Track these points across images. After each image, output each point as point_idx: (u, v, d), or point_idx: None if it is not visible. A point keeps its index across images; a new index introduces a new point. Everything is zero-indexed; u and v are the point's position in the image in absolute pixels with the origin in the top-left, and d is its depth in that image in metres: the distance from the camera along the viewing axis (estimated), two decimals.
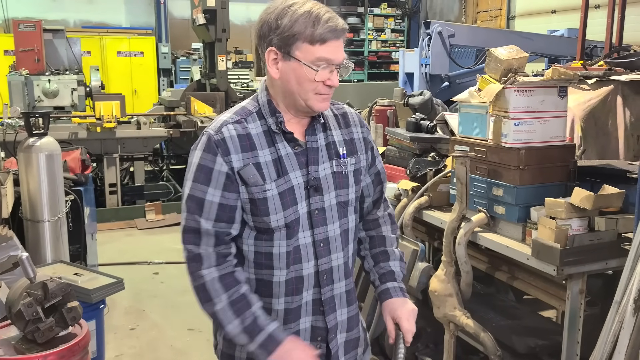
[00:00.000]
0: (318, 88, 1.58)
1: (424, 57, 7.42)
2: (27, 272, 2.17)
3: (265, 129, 1.62)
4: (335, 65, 1.58)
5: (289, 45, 1.55)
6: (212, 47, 8.24)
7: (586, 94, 3.59)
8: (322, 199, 1.65)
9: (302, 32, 1.53)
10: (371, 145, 1.82)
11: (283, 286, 1.64)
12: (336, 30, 1.55)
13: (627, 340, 2.06)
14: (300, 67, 1.55)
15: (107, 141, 7.16)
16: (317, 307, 1.69)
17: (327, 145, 1.68)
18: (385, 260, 1.83)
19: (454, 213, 2.84)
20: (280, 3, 1.57)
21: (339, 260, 1.70)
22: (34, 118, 3.65)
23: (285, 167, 1.61)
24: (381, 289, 1.81)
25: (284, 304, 1.66)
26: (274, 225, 1.60)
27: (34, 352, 2.14)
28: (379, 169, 1.86)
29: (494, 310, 3.30)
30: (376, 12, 15.64)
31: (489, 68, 2.82)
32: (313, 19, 1.53)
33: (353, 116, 1.80)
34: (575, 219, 2.44)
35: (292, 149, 1.63)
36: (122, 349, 4.06)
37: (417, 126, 3.72)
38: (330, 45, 1.55)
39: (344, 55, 1.60)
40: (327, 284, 1.68)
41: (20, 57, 7.81)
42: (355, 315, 1.79)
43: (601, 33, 5.33)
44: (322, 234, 1.66)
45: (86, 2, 13.29)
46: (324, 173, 1.65)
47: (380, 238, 1.87)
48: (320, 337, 1.71)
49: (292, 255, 1.63)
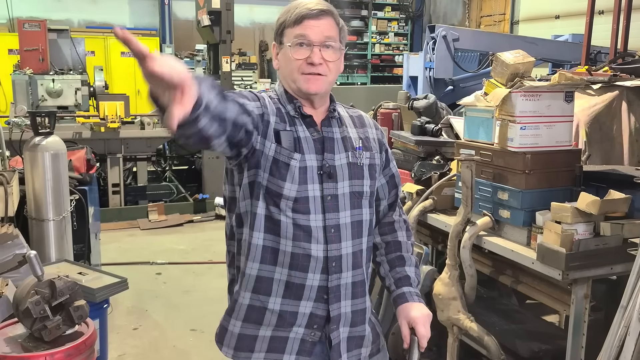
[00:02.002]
0: (302, 67, 1.65)
1: (428, 61, 7.44)
2: (35, 270, 2.18)
3: (285, 112, 1.70)
4: (315, 43, 1.64)
5: (281, 35, 1.69)
6: (217, 49, 8.25)
7: (591, 99, 3.60)
8: (336, 186, 1.69)
9: (285, 19, 1.67)
10: (385, 148, 1.87)
11: (288, 257, 1.66)
12: (310, 9, 1.64)
13: (633, 346, 2.06)
14: (286, 50, 1.67)
15: (110, 141, 7.17)
16: (321, 294, 1.69)
17: (342, 138, 1.74)
18: (402, 265, 1.85)
19: (459, 216, 2.85)
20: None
21: (348, 249, 1.71)
22: (40, 117, 3.66)
23: (302, 147, 1.67)
24: (397, 294, 1.82)
25: (286, 275, 1.67)
26: (285, 193, 1.64)
27: (41, 350, 2.15)
28: (394, 172, 1.90)
29: (498, 314, 3.30)
30: (380, 16, 15.64)
31: (496, 72, 2.83)
32: (295, 5, 1.67)
33: (368, 119, 1.88)
34: (581, 223, 2.45)
35: (311, 134, 1.69)
36: (125, 349, 4.06)
37: (422, 129, 3.73)
38: (305, 24, 1.65)
39: (327, 35, 1.66)
40: (335, 271, 1.69)
41: (25, 56, 7.81)
42: (361, 311, 1.77)
43: (605, 39, 5.35)
44: (333, 220, 1.68)
45: (90, 2, 13.30)
46: (339, 162, 1.71)
47: (396, 244, 1.89)
48: (316, 325, 1.70)
49: (299, 230, 1.65)
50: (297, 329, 1.70)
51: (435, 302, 2.93)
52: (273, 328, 1.70)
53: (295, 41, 1.64)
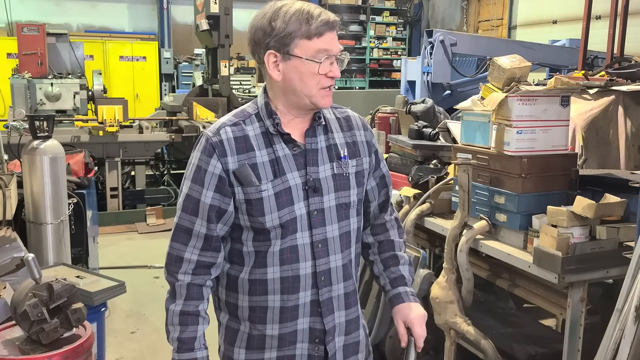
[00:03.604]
0: (321, 82, 1.61)
1: (426, 66, 7.45)
2: (32, 273, 2.18)
3: (263, 130, 1.65)
4: (335, 56, 1.62)
5: (287, 45, 1.58)
6: (215, 53, 8.27)
7: (587, 104, 3.61)
8: (322, 200, 1.66)
9: (298, 29, 1.57)
10: (375, 149, 1.82)
11: (278, 283, 1.65)
12: (329, 22, 1.60)
13: (628, 349, 2.07)
14: (302, 64, 1.59)
15: (109, 145, 7.17)
16: (315, 308, 1.69)
17: (327, 147, 1.70)
18: (395, 264, 1.86)
19: (455, 220, 2.86)
20: (269, 7, 1.62)
21: (337, 262, 1.70)
22: (38, 121, 3.67)
23: (282, 167, 1.62)
24: (393, 294, 1.83)
25: (279, 301, 1.66)
26: (269, 225, 1.61)
27: (39, 352, 2.15)
28: (384, 172, 1.87)
29: (494, 317, 3.31)
30: (378, 20, 15.69)
31: (492, 77, 2.84)
32: (305, 15, 1.58)
33: (356, 119, 1.81)
34: (577, 227, 2.46)
35: (291, 150, 1.65)
36: (123, 352, 4.06)
37: (419, 134, 3.74)
38: (326, 37, 1.60)
39: (340, 46, 1.64)
40: (325, 285, 1.69)
41: (23, 60, 7.82)
42: (355, 319, 1.78)
43: (602, 43, 5.36)
44: (320, 235, 1.66)
45: (89, 6, 13.33)
46: (324, 174, 1.67)
47: (389, 242, 1.89)
48: (318, 339, 1.71)
49: (287, 253, 1.64)
50: (301, 344, 1.70)
51: (433, 305, 2.94)
52: (277, 350, 1.70)
53: (322, 56, 1.58)
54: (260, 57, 1.63)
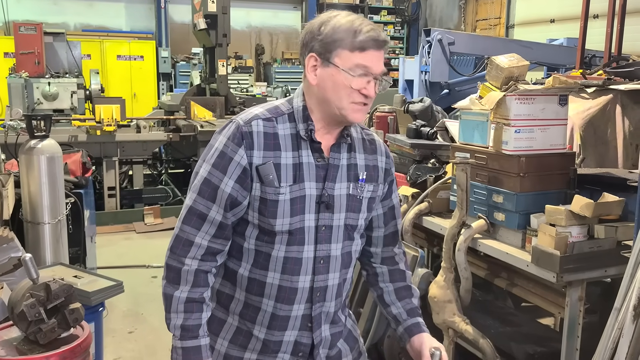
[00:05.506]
0: (353, 96, 1.58)
1: (424, 65, 7.44)
2: (30, 273, 2.18)
3: (293, 132, 1.63)
4: (373, 75, 1.59)
5: (329, 52, 1.57)
6: (213, 52, 8.25)
7: (585, 103, 3.61)
8: (332, 217, 1.65)
9: (343, 39, 1.55)
10: (391, 179, 1.81)
11: (275, 289, 1.65)
12: (377, 39, 1.57)
13: (626, 347, 2.07)
14: (338, 73, 1.57)
15: (106, 144, 7.16)
16: (305, 322, 1.70)
17: (348, 166, 1.68)
18: (409, 296, 1.86)
19: (454, 219, 2.85)
20: (326, 14, 1.61)
21: (334, 280, 1.70)
22: (35, 120, 3.66)
23: (303, 174, 1.61)
24: (412, 322, 1.82)
25: (272, 307, 1.66)
26: (278, 229, 1.60)
27: (36, 353, 2.15)
28: (394, 203, 1.85)
29: (493, 317, 3.31)
30: (376, 20, 15.67)
31: (490, 76, 2.84)
32: (355, 28, 1.56)
33: (380, 145, 1.80)
34: (575, 226, 2.46)
35: (315, 160, 1.63)
36: (120, 352, 4.05)
37: (417, 133, 3.74)
38: (369, 54, 1.57)
39: (384, 68, 1.61)
40: (319, 300, 1.69)
41: (21, 59, 7.81)
42: (337, 333, 1.79)
43: (599, 42, 5.37)
44: (324, 251, 1.66)
45: (87, 5, 13.30)
46: (339, 192, 1.66)
47: (400, 273, 1.89)
48: (301, 352, 1.71)
49: (291, 264, 1.63)
50: (283, 355, 1.70)
51: (431, 304, 2.94)
52: (258, 353, 1.70)
53: (359, 72, 1.56)
54: (304, 57, 1.62)
